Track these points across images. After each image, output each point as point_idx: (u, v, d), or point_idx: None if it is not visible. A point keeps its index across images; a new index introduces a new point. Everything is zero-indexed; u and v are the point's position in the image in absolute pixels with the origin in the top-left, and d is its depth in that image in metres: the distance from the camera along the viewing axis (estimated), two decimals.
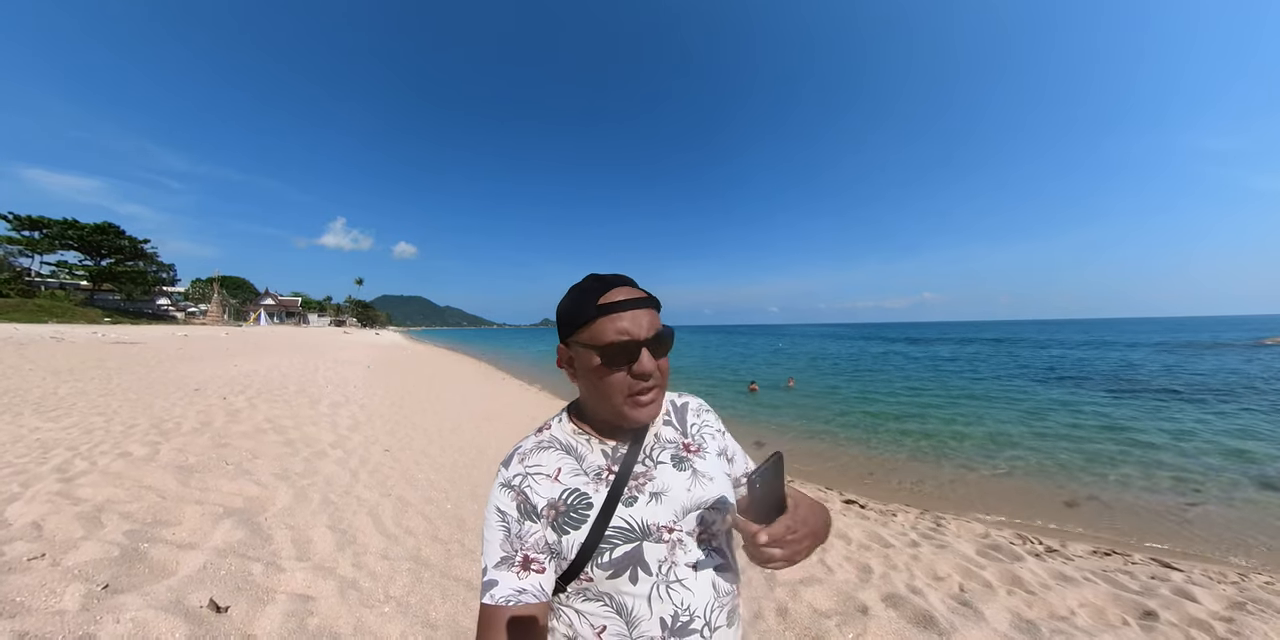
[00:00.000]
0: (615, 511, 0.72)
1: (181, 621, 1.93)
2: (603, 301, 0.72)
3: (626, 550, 0.71)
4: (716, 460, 0.86)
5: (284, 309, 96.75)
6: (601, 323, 0.71)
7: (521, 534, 0.70)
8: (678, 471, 0.79)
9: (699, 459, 0.83)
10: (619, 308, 0.71)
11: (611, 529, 0.71)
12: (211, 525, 2.85)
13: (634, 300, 0.73)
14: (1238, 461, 6.64)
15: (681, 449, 0.83)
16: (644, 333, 0.71)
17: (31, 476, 3.38)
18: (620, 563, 0.71)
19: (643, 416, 0.74)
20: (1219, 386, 13.60)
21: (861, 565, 3.16)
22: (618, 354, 0.70)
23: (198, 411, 5.97)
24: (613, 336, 0.70)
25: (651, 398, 0.74)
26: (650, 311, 0.75)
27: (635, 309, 0.72)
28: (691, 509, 0.77)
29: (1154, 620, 2.59)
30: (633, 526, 0.72)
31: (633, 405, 0.73)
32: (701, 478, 0.80)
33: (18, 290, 47.61)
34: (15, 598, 1.96)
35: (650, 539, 0.72)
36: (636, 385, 0.72)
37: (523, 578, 0.68)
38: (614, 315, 0.71)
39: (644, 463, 0.79)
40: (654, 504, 0.75)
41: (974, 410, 10.81)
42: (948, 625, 2.36)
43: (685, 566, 0.74)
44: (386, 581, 2.51)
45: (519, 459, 0.76)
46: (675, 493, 0.77)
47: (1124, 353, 27.40)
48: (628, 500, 0.74)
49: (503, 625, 0.65)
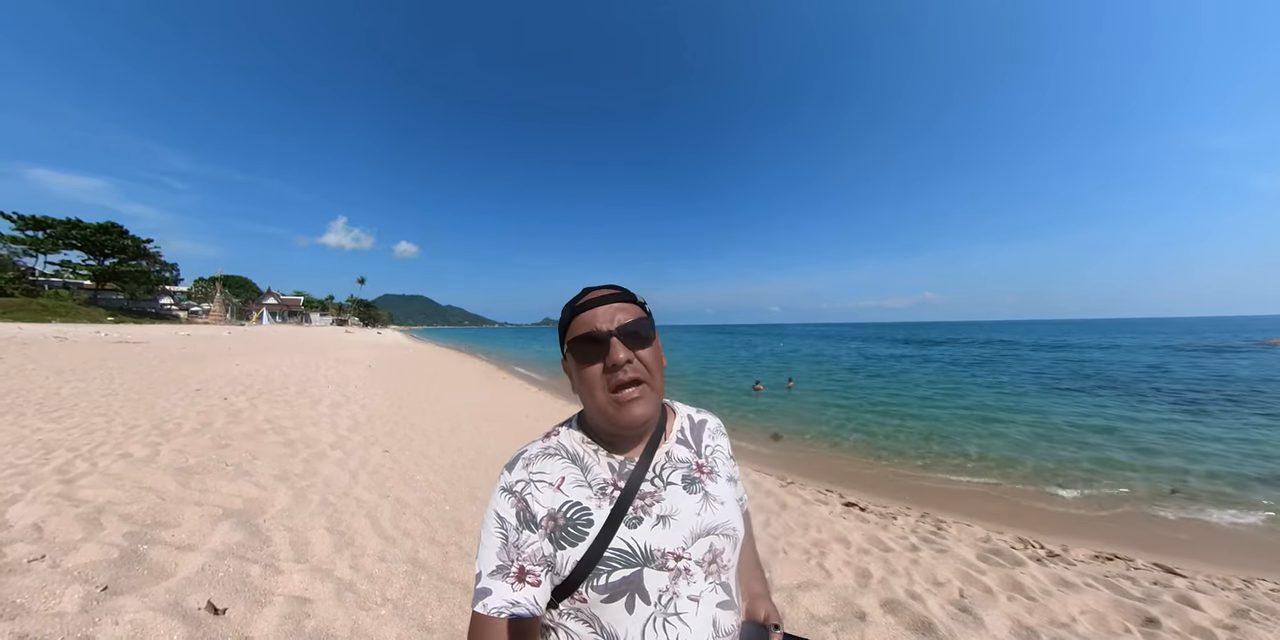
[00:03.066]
0: (616, 532, 0.69)
1: (180, 623, 1.93)
2: (578, 303, 0.76)
3: (625, 575, 0.67)
4: (727, 485, 0.82)
5: (286, 308, 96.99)
6: (575, 322, 0.75)
7: (519, 543, 0.68)
8: (688, 494, 0.76)
9: (711, 482, 0.80)
10: (589, 306, 0.74)
11: (611, 551, 0.68)
12: (211, 527, 2.85)
13: (604, 297, 0.75)
14: (1244, 465, 6.61)
15: (694, 470, 0.80)
16: (612, 324, 0.72)
17: (33, 478, 3.38)
18: (617, 587, 0.67)
19: (628, 415, 0.70)
20: (1228, 390, 13.53)
21: (860, 569, 3.14)
22: (588, 347, 0.72)
23: (199, 412, 5.98)
24: (581, 330, 0.73)
25: (635, 394, 0.70)
26: (622, 305, 0.75)
27: (605, 304, 0.74)
28: (701, 534, 0.73)
29: (1156, 627, 2.57)
30: (634, 550, 0.69)
31: (616, 404, 0.70)
32: (713, 501, 0.77)
33: (22, 290, 47.82)
34: (15, 599, 1.96)
35: (653, 565, 0.69)
36: (614, 379, 0.70)
37: (517, 590, 0.66)
38: (585, 313, 0.74)
39: (653, 482, 0.75)
40: (660, 528, 0.71)
41: (975, 411, 10.78)
42: (946, 632, 2.35)
43: (687, 599, 0.70)
44: (384, 584, 2.51)
45: (523, 464, 0.75)
46: (684, 516, 0.73)
47: (1132, 355, 27.28)
48: (631, 521, 0.70)
49: (494, 637, 0.65)
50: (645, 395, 0.72)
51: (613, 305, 0.74)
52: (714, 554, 0.74)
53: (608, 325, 0.72)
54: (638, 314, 0.77)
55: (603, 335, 0.71)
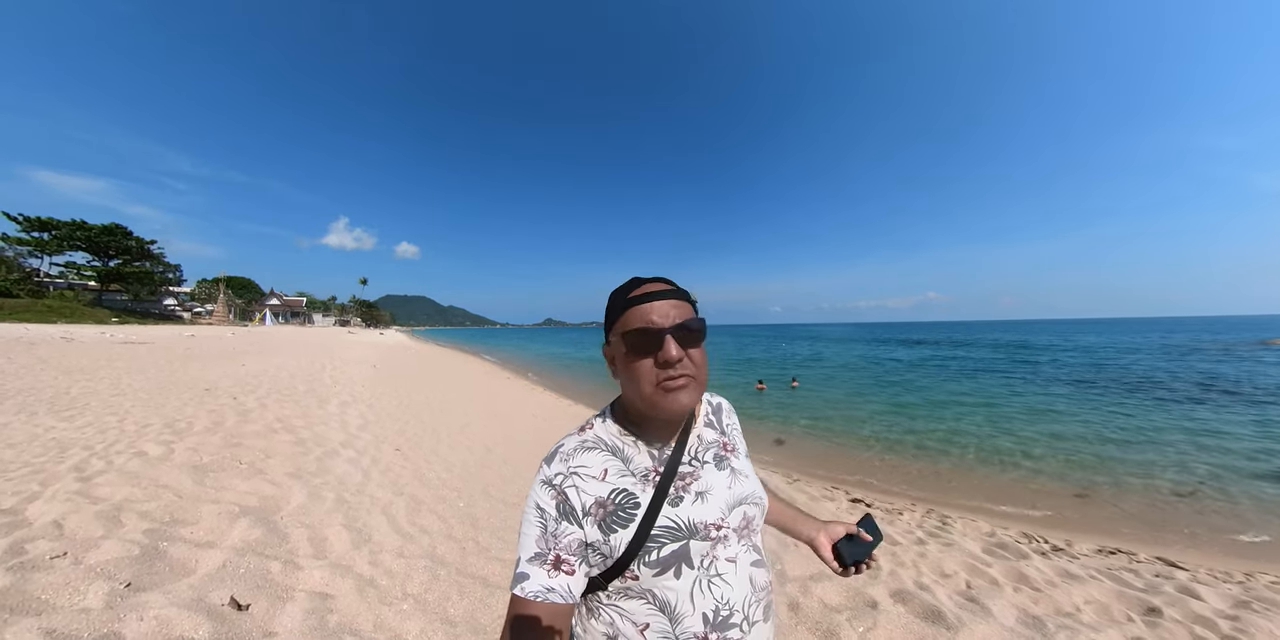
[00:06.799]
0: (661, 511, 0.74)
1: (204, 619, 1.97)
2: (632, 295, 0.77)
3: (674, 548, 0.73)
4: (746, 459, 0.91)
5: (289, 309, 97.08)
6: (629, 314, 0.76)
7: (557, 533, 0.72)
8: (719, 471, 0.83)
9: (735, 458, 0.88)
10: (646, 299, 0.75)
11: (658, 528, 0.73)
12: (228, 524, 2.89)
13: (661, 292, 0.77)
14: (1246, 461, 6.63)
15: (722, 449, 0.87)
16: (668, 321, 0.74)
17: (50, 475, 3.43)
18: (667, 561, 0.73)
19: (673, 405, 0.73)
20: (1230, 389, 13.53)
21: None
22: (642, 341, 0.73)
23: (209, 411, 6.03)
24: (637, 324, 0.74)
25: (680, 385, 0.73)
26: (678, 303, 0.77)
27: (662, 300, 0.76)
28: (735, 505, 0.80)
29: (1158, 617, 2.61)
30: (679, 525, 0.74)
31: (661, 393, 0.73)
32: (740, 475, 0.85)
33: (27, 291, 47.93)
34: (41, 595, 2.00)
35: (698, 537, 0.75)
36: (663, 373, 0.73)
37: (552, 577, 0.70)
38: (641, 306, 0.75)
39: (689, 464, 0.82)
40: (700, 503, 0.77)
41: (977, 410, 10.80)
42: (955, 620, 2.39)
43: (725, 560, 0.76)
44: (404, 579, 2.55)
45: (561, 458, 0.78)
46: (718, 491, 0.80)
47: (1143, 356, 27.20)
48: (673, 500, 0.76)
49: (531, 618, 0.68)
50: (690, 386, 0.75)
51: (669, 301, 0.76)
52: (747, 520, 0.82)
53: (664, 321, 0.74)
54: (691, 313, 0.78)
55: (659, 331, 0.73)
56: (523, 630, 0.68)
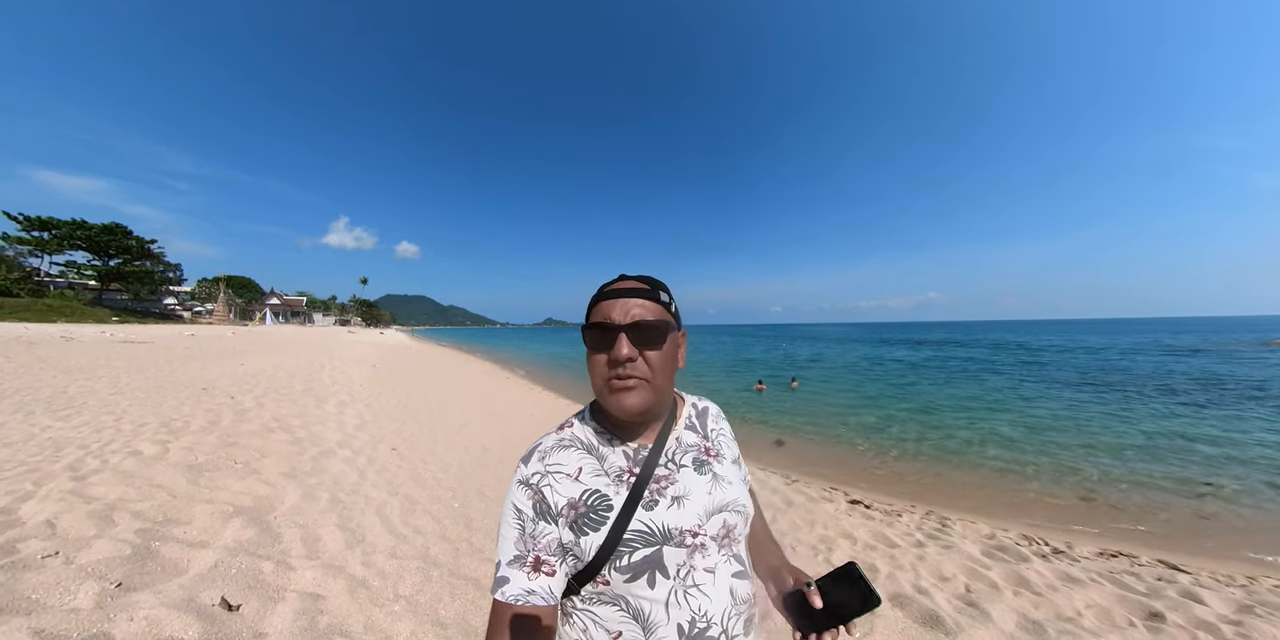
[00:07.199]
0: (634, 515, 0.72)
1: (194, 619, 1.96)
2: (601, 290, 0.78)
3: (646, 554, 0.70)
4: (732, 466, 0.87)
5: (289, 308, 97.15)
6: (594, 309, 0.76)
7: (535, 534, 0.71)
8: (699, 475, 0.79)
9: (718, 463, 0.84)
10: (611, 295, 0.75)
11: (630, 532, 0.71)
12: (221, 524, 2.87)
13: (628, 289, 0.75)
14: (1253, 464, 6.60)
15: (703, 453, 0.84)
16: (625, 319, 0.72)
17: (44, 475, 3.41)
18: (639, 566, 0.70)
19: (620, 404, 0.71)
20: (1236, 390, 13.50)
21: (867, 565, 3.15)
22: (597, 337, 0.73)
23: (206, 410, 6.02)
24: (596, 319, 0.74)
25: (628, 386, 0.71)
26: (643, 302, 0.74)
27: (627, 297, 0.74)
28: (714, 512, 0.77)
29: (1160, 622, 2.59)
30: (653, 530, 0.71)
31: (609, 391, 0.72)
32: (722, 481, 0.81)
33: (28, 290, 47.99)
34: (31, 595, 1.99)
35: (671, 543, 0.71)
36: (611, 372, 0.72)
37: (533, 579, 0.69)
38: (604, 302, 0.75)
39: (666, 466, 0.78)
40: (676, 508, 0.74)
41: (978, 411, 10.77)
42: (954, 625, 2.36)
43: (704, 571, 0.73)
44: (396, 580, 2.53)
45: (539, 457, 0.77)
46: (697, 496, 0.77)
47: (1143, 356, 27.16)
48: (648, 503, 0.73)
49: (513, 622, 0.67)
50: (639, 389, 0.72)
51: (633, 299, 0.74)
52: (727, 529, 0.77)
53: (621, 319, 0.72)
54: (659, 313, 0.75)
55: (613, 327, 0.72)
56: (506, 635, 0.67)
